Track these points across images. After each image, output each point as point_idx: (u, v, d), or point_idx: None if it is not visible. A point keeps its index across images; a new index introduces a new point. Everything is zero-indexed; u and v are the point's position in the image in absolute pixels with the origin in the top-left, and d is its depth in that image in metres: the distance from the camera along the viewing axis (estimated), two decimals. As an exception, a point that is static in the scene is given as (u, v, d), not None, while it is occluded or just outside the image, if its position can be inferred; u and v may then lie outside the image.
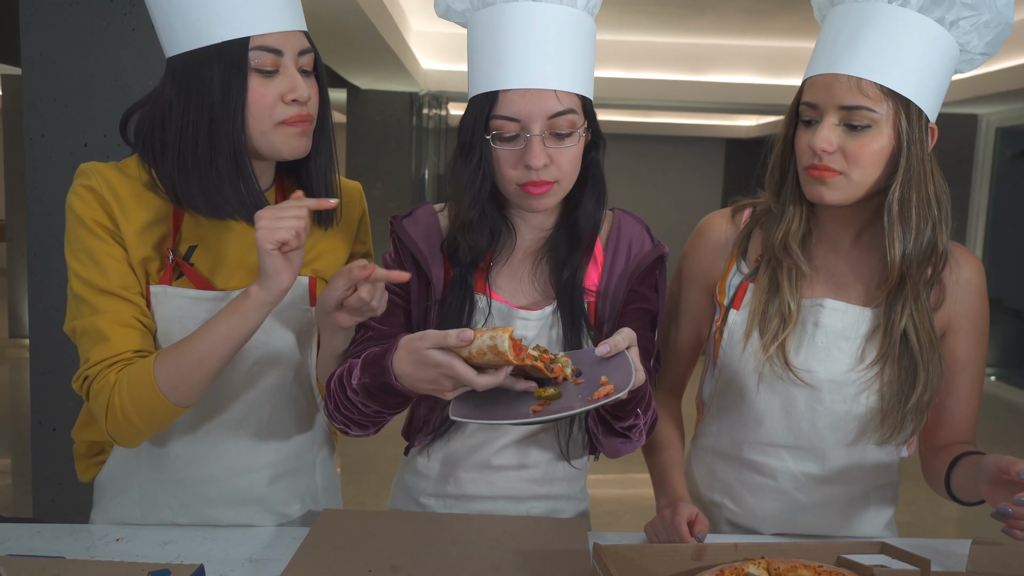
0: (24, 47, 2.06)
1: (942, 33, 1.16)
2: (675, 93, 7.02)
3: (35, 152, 2.10)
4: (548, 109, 1.12)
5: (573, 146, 1.15)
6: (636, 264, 1.25)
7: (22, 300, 6.56)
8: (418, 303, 1.25)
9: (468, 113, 1.17)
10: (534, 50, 1.11)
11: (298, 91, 1.14)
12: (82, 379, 1.14)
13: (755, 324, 1.28)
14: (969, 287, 1.28)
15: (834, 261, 1.30)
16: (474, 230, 1.20)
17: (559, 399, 1.00)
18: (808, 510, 1.34)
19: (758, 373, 1.28)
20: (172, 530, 1.24)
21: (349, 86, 6.93)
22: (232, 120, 1.12)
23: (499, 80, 1.12)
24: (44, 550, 1.16)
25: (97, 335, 1.13)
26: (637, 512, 3.76)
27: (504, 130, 1.13)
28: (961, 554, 1.18)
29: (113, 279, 1.15)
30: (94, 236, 1.15)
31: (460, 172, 1.18)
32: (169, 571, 0.99)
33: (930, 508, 3.97)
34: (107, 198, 1.15)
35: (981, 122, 6.95)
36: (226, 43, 1.11)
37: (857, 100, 1.14)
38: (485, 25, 1.15)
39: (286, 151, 1.17)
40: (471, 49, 1.18)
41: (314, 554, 1.12)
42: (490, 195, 1.19)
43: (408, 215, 1.28)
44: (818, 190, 1.20)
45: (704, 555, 1.11)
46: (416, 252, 1.23)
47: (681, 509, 1.21)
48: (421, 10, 5.97)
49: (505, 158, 1.15)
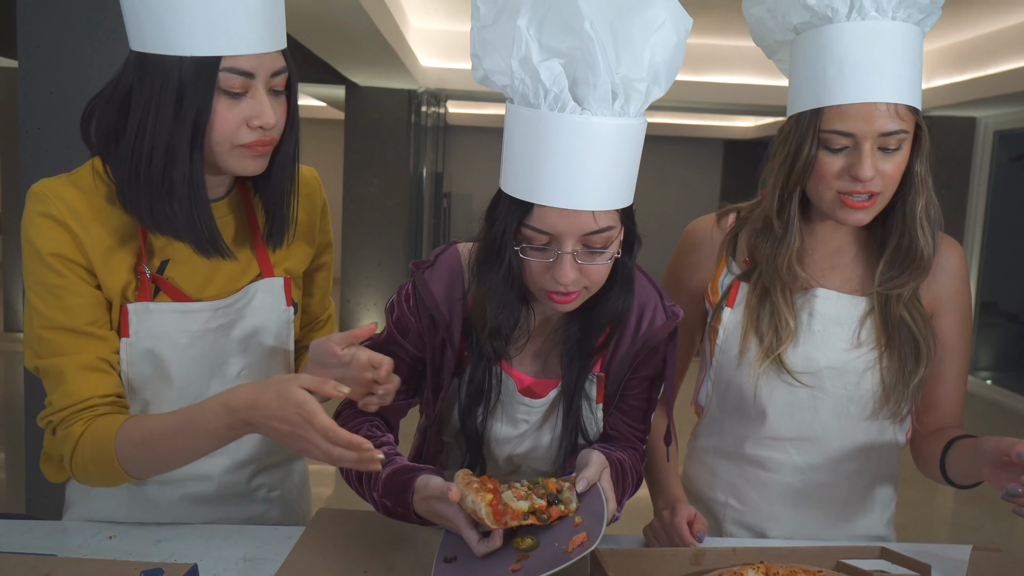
0: (20, 39, 2.05)
1: (916, 31, 1.17)
2: (674, 93, 6.96)
3: (30, 145, 2.08)
4: (584, 227, 1.03)
5: (605, 263, 1.08)
6: (644, 342, 1.19)
7: (17, 293, 6.53)
8: (432, 357, 1.21)
9: (499, 211, 1.08)
10: (577, 169, 1.01)
11: (264, 118, 1.07)
12: (46, 421, 1.12)
13: (751, 328, 1.29)
14: (951, 271, 1.31)
15: (824, 253, 1.32)
16: (500, 336, 1.15)
17: (538, 548, 1.00)
18: (813, 503, 1.35)
19: (757, 370, 1.29)
20: (165, 528, 1.23)
21: (348, 83, 6.91)
22: (191, 142, 1.05)
23: (535, 193, 1.03)
24: (36, 547, 1.14)
25: (59, 379, 1.09)
26: (633, 515, 3.73)
27: (534, 241, 1.06)
28: (961, 559, 1.18)
29: (77, 316, 1.09)
30: (54, 272, 1.08)
31: (489, 277, 1.10)
32: (162, 570, 0.98)
33: (925, 510, 3.97)
34: (68, 222, 1.07)
35: (979, 125, 6.96)
36: (196, 58, 1.02)
37: (898, 125, 1.16)
38: (527, 126, 1.03)
39: (238, 170, 1.11)
40: (508, 139, 1.07)
41: (309, 554, 1.11)
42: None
43: (431, 264, 1.20)
44: (856, 215, 1.21)
45: (703, 559, 1.10)
46: (437, 314, 1.17)
47: (680, 510, 1.21)
48: (420, 7, 5.95)
49: (534, 266, 1.08)
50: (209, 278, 1.19)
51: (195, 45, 1.02)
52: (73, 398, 1.09)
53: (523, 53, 0.99)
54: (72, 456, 1.09)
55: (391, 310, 1.22)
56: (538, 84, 1.00)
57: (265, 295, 1.24)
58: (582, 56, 0.98)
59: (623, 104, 1.01)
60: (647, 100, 1.03)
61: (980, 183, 6.96)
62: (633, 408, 1.25)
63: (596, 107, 1.00)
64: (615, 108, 1.01)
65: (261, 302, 1.23)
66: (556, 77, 0.99)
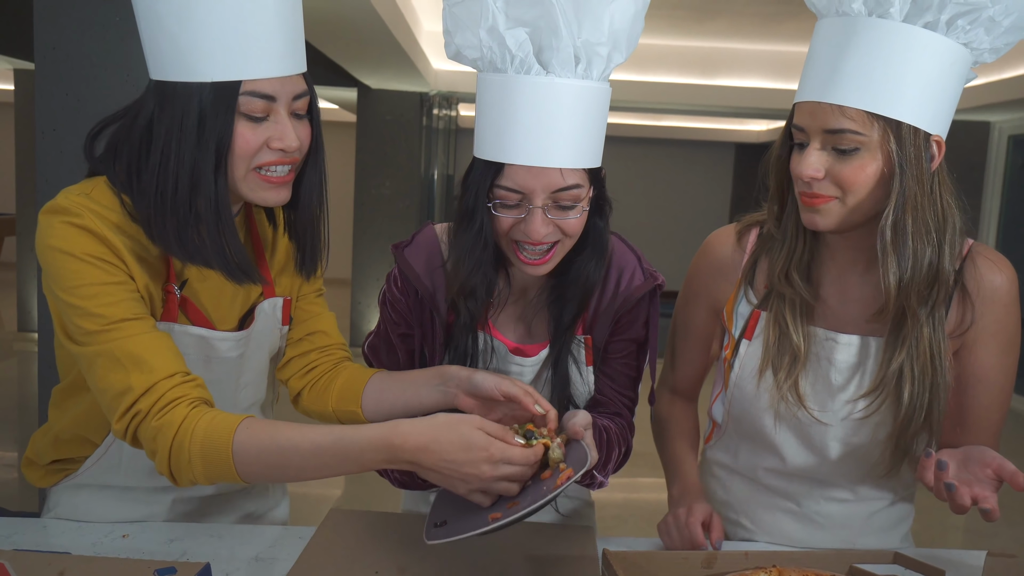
0: (37, 40, 2.06)
1: (935, 39, 1.07)
2: (686, 97, 6.99)
3: (46, 146, 2.10)
4: (552, 184, 1.10)
5: (576, 217, 1.13)
6: (623, 300, 1.24)
7: (31, 294, 6.58)
8: (424, 331, 1.26)
9: (472, 176, 1.15)
10: (543, 128, 1.08)
11: (285, 140, 1.06)
12: (131, 415, 1.00)
13: (768, 361, 1.24)
14: (994, 297, 1.19)
15: (846, 288, 1.25)
16: (475, 297, 1.19)
17: (524, 493, 1.00)
18: (828, 528, 1.32)
19: (773, 409, 1.25)
20: (177, 527, 1.23)
21: (360, 85, 6.93)
22: (215, 168, 1.04)
23: (505, 153, 1.10)
24: (50, 545, 1.15)
25: (130, 359, 1.01)
26: (642, 516, 3.74)
27: (506, 200, 1.12)
28: (975, 565, 1.17)
29: (125, 308, 1.03)
30: (93, 267, 1.02)
31: (462, 237, 1.16)
32: (175, 569, 0.98)
33: (938, 516, 3.94)
34: (102, 232, 1.03)
35: (994, 130, 6.91)
36: (216, 83, 1.01)
37: (842, 124, 1.08)
38: (495, 91, 1.11)
39: (258, 200, 1.10)
40: (479, 107, 1.15)
41: (320, 554, 1.12)
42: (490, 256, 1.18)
43: (409, 243, 1.27)
44: (811, 217, 1.15)
45: (714, 562, 1.10)
46: (419, 286, 1.23)
47: (696, 510, 1.20)
48: (432, 10, 5.96)
49: (506, 224, 1.13)
50: (219, 298, 1.19)
51: (214, 71, 1.01)
52: (158, 374, 1.01)
53: (490, 23, 1.07)
54: (172, 447, 0.99)
55: (383, 300, 1.28)
56: (504, 50, 1.07)
57: (267, 316, 1.25)
58: (545, 24, 1.06)
59: (586, 68, 1.08)
60: (609, 65, 1.10)
61: (994, 187, 6.91)
62: (620, 374, 1.28)
63: (560, 70, 1.07)
64: (578, 71, 1.08)
65: (263, 324, 1.24)
66: (521, 43, 1.06)
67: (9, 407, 5.08)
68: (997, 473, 1.03)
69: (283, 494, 1.46)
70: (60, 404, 1.23)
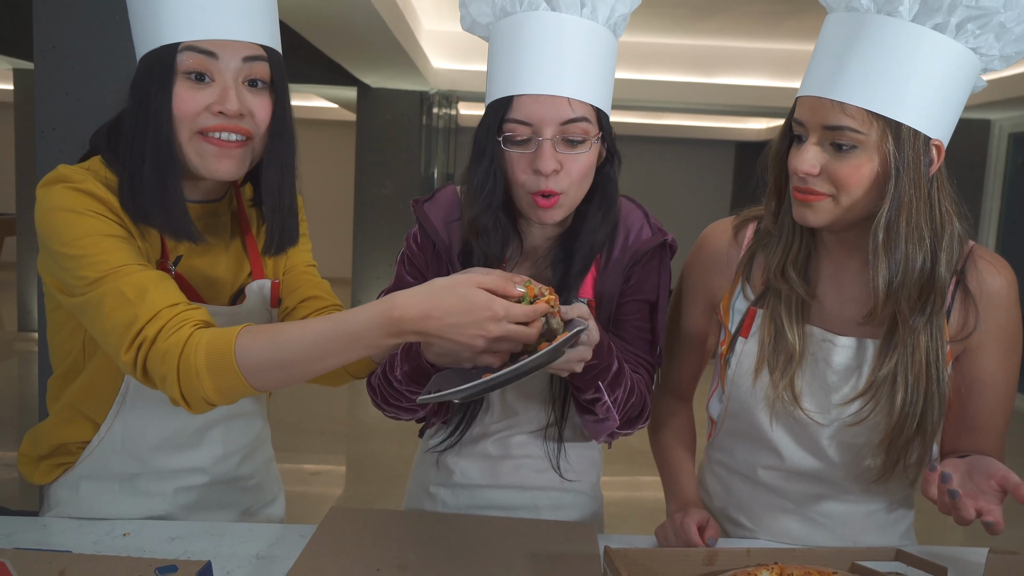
0: (36, 40, 2.06)
1: (943, 42, 1.05)
2: (686, 95, 7.00)
3: (45, 146, 2.10)
4: (561, 115, 1.12)
5: (584, 153, 1.14)
6: (632, 254, 1.24)
7: (32, 294, 6.59)
8: None
9: (484, 119, 1.18)
10: (550, 57, 1.12)
11: (227, 103, 1.06)
12: (137, 345, 1.00)
13: (764, 360, 1.23)
14: (994, 300, 1.18)
15: (841, 286, 1.24)
16: (488, 236, 1.20)
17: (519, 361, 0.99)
18: (827, 527, 1.32)
19: (770, 408, 1.25)
20: (178, 526, 1.23)
21: (360, 84, 6.94)
22: (156, 127, 1.06)
23: (514, 85, 1.13)
24: (51, 544, 1.15)
25: (135, 291, 1.01)
26: (644, 514, 3.74)
27: (516, 133, 1.14)
28: (977, 562, 1.17)
29: (127, 256, 1.04)
30: (96, 219, 1.04)
31: (473, 176, 1.19)
32: (177, 567, 0.98)
33: (938, 514, 3.93)
34: (104, 196, 1.07)
35: (994, 128, 6.91)
36: (161, 47, 1.06)
37: (840, 120, 1.07)
38: (505, 34, 1.16)
39: (203, 169, 1.10)
40: (491, 59, 1.19)
41: (322, 552, 1.12)
42: (502, 203, 1.19)
43: (430, 198, 1.30)
44: (803, 213, 1.14)
45: (716, 560, 1.10)
46: (437, 239, 1.25)
47: (692, 513, 1.20)
48: (433, 9, 5.96)
49: (516, 161, 1.15)
50: (209, 276, 1.22)
51: (159, 37, 1.06)
52: (163, 301, 1.01)
53: None
54: (179, 366, 0.99)
55: (401, 259, 1.30)
56: None
57: (255, 297, 1.27)
58: None
59: (591, 11, 1.14)
60: (613, 12, 1.15)
61: (995, 186, 6.91)
62: (636, 337, 1.26)
63: (565, 8, 1.13)
64: (584, 12, 1.13)
65: (253, 303, 1.26)
66: None
67: (9, 407, 5.08)
68: (1001, 484, 1.03)
69: (279, 489, 1.47)
70: (57, 395, 1.25)
